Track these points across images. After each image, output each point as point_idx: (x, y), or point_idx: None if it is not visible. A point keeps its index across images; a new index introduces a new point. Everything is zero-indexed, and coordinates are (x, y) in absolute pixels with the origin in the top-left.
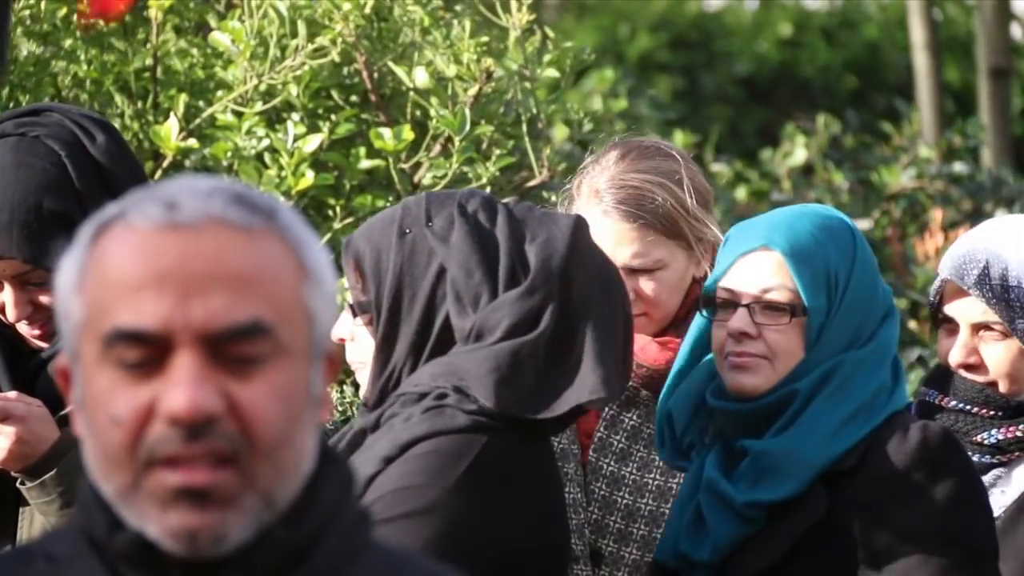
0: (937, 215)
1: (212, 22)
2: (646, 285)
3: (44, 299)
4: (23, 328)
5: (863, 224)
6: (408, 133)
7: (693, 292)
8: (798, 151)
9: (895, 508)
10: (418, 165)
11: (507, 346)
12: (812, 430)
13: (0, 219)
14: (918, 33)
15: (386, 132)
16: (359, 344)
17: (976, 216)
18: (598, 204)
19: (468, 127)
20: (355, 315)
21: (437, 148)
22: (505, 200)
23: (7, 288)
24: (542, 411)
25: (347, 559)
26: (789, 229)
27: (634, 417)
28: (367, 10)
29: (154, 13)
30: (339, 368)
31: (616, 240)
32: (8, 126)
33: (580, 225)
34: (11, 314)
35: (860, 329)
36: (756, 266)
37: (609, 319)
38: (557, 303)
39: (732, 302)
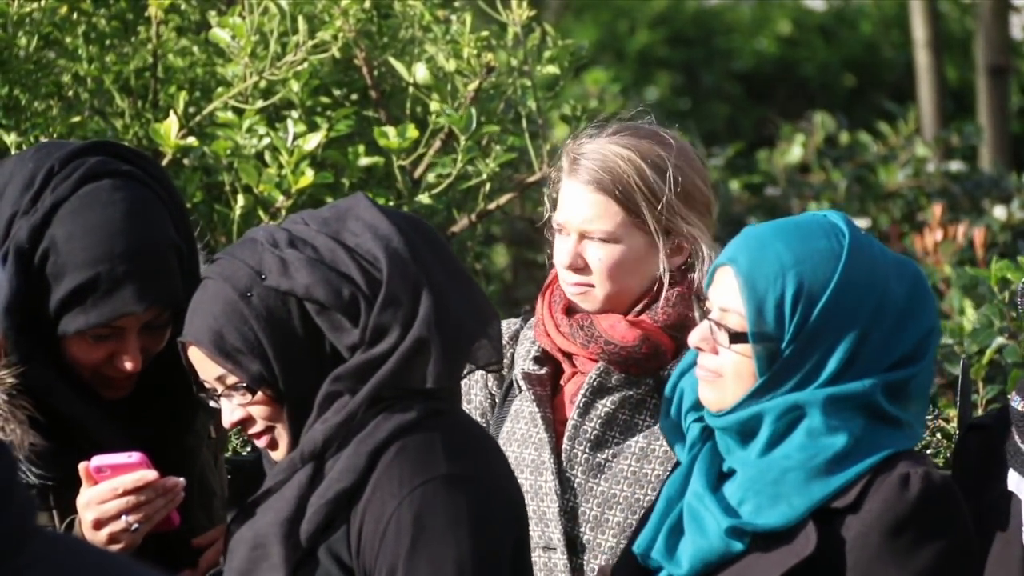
0: (936, 210)
1: (213, 21)
2: (593, 254)
3: (155, 344)
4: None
5: (861, 223)
6: (412, 131)
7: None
8: (794, 149)
9: (885, 560)
10: (417, 162)
11: (413, 334)
12: (802, 462)
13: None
14: (920, 31)
15: (390, 130)
16: (260, 417)
17: (975, 212)
18: (568, 165)
19: (474, 125)
20: (252, 393)
21: (437, 144)
22: (293, 218)
23: (131, 338)
24: (457, 381)
25: (20, 540)
26: (758, 249)
27: (608, 404)
28: (367, 5)
29: (154, 11)
30: None
31: (572, 201)
32: None
33: (370, 200)
34: (131, 365)
35: (826, 357)
36: (720, 283)
37: (452, 264)
38: (421, 277)
39: (707, 312)
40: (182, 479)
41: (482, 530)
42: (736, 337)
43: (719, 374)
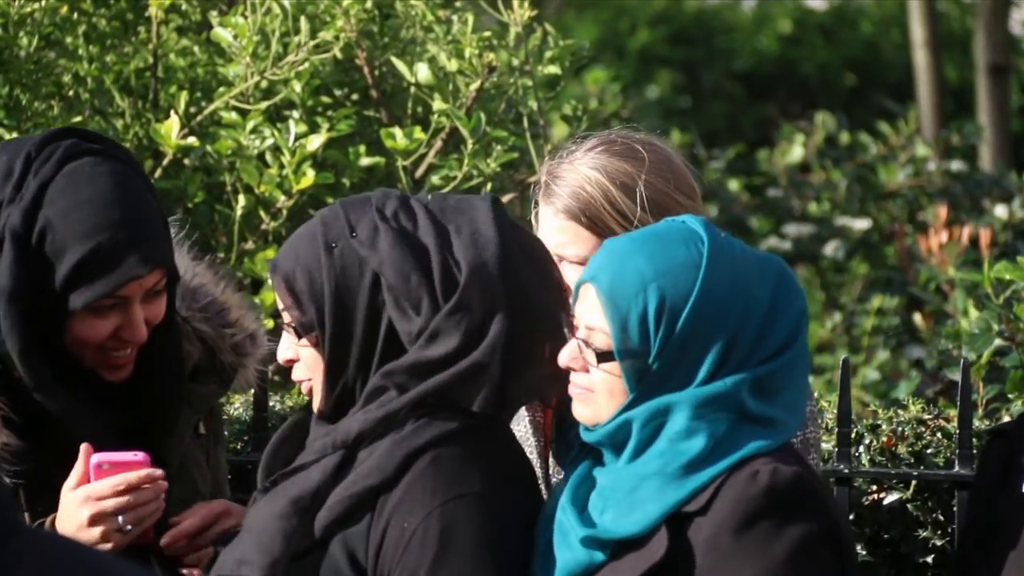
0: (941, 212)
1: (214, 21)
2: (571, 277)
3: (154, 312)
4: (108, 359)
5: (861, 223)
6: (419, 133)
7: None
8: (795, 149)
9: (740, 558)
10: (418, 162)
11: (473, 357)
12: (659, 468)
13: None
14: (918, 30)
15: (396, 131)
16: (305, 363)
17: (976, 212)
18: (542, 189)
19: (483, 129)
20: (299, 336)
21: (438, 144)
22: (421, 195)
23: (135, 307)
24: (510, 408)
25: (3, 537)
26: (619, 265)
27: None
28: (368, 5)
29: (154, 11)
30: None
31: (545, 227)
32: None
33: (497, 206)
34: (137, 335)
35: (696, 365)
36: (584, 300)
37: (549, 299)
38: (502, 299)
39: (575, 329)
40: (165, 483)
41: (506, 554)
42: (603, 356)
43: (591, 390)
